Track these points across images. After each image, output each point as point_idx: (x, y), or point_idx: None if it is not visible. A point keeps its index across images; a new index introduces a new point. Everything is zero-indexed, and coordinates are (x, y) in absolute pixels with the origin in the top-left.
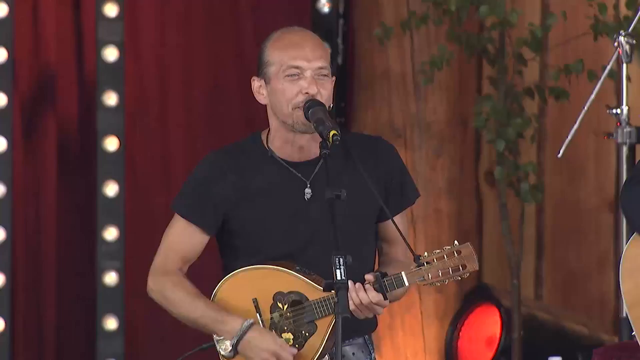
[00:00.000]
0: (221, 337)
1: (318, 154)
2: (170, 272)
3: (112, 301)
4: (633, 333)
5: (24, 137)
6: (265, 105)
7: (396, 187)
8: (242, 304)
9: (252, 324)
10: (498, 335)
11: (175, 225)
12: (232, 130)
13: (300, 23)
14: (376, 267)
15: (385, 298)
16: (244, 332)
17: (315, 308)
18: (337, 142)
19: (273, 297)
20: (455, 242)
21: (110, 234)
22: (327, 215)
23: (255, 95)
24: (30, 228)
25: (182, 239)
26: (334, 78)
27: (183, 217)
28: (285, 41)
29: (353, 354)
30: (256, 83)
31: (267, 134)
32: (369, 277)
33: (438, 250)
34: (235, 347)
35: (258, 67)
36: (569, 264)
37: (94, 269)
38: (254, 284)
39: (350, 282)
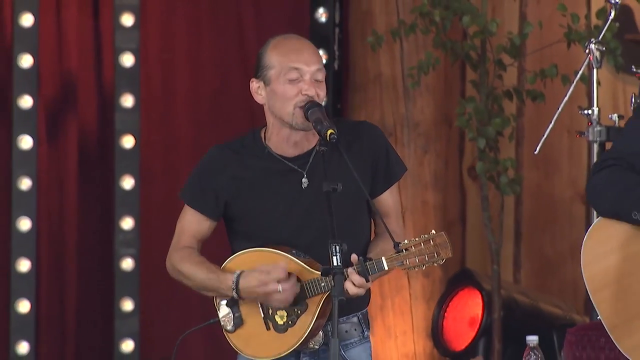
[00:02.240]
0: (225, 312)
1: (310, 147)
2: (180, 248)
3: (129, 285)
4: (598, 317)
5: (48, 136)
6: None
7: (383, 164)
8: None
9: (240, 274)
10: (480, 316)
11: (185, 213)
12: (236, 127)
13: (300, 31)
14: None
15: (367, 280)
16: (238, 278)
17: (307, 288)
18: (334, 140)
19: None
20: (432, 231)
21: (127, 223)
22: (322, 202)
23: (253, 96)
24: (54, 218)
25: (192, 224)
26: None
27: (189, 206)
28: (285, 47)
29: (346, 331)
30: (255, 84)
31: (265, 132)
32: (354, 258)
33: (416, 239)
34: (237, 292)
35: (256, 70)
36: (545, 250)
37: (111, 255)
38: (254, 265)
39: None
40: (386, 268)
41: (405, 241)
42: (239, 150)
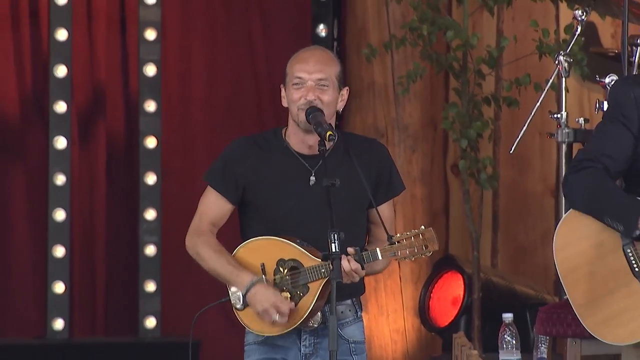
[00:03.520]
0: (235, 291)
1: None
2: (202, 233)
3: (151, 268)
4: (566, 297)
5: (80, 137)
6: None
7: (385, 180)
8: (252, 267)
9: (259, 280)
10: (462, 296)
11: (207, 195)
12: (247, 129)
13: (302, 44)
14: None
15: (362, 268)
16: (252, 285)
17: (309, 273)
18: (333, 140)
19: (276, 263)
20: (422, 226)
21: (150, 214)
22: (326, 199)
23: (281, 100)
24: (85, 210)
25: (212, 206)
26: (346, 88)
27: (212, 188)
28: (296, 57)
29: (342, 312)
30: (282, 90)
31: (286, 130)
32: (350, 250)
33: (407, 233)
34: (244, 296)
35: (283, 78)
36: (519, 238)
37: (136, 242)
38: (262, 252)
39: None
40: (380, 257)
41: (398, 235)
42: (261, 143)
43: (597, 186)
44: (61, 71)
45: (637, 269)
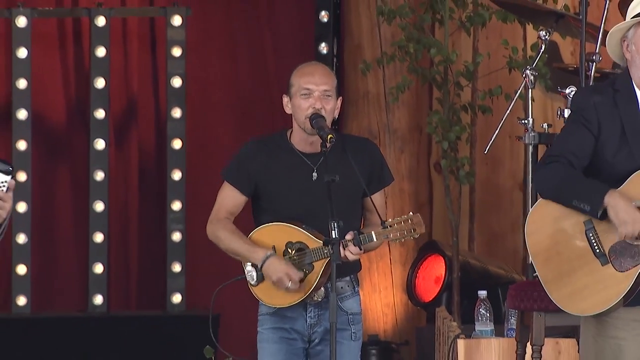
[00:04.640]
0: (250, 270)
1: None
2: (220, 220)
3: (177, 252)
4: (535, 274)
5: (116, 140)
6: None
7: (377, 173)
8: (264, 248)
9: (272, 254)
10: (443, 276)
11: (224, 189)
12: (259, 131)
13: (307, 59)
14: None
15: (360, 249)
16: (267, 258)
17: (313, 254)
18: (333, 143)
19: (285, 245)
20: (410, 212)
21: (176, 205)
22: (326, 192)
23: (284, 107)
24: (121, 202)
25: (229, 198)
26: (340, 98)
27: (229, 183)
28: (302, 71)
29: (341, 287)
30: (285, 99)
31: (290, 132)
32: (348, 236)
33: (398, 218)
34: (260, 268)
35: (287, 88)
36: (492, 226)
37: (164, 229)
38: (273, 235)
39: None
40: (375, 239)
41: (389, 220)
42: (269, 144)
43: (564, 175)
44: (100, 83)
45: (598, 251)
